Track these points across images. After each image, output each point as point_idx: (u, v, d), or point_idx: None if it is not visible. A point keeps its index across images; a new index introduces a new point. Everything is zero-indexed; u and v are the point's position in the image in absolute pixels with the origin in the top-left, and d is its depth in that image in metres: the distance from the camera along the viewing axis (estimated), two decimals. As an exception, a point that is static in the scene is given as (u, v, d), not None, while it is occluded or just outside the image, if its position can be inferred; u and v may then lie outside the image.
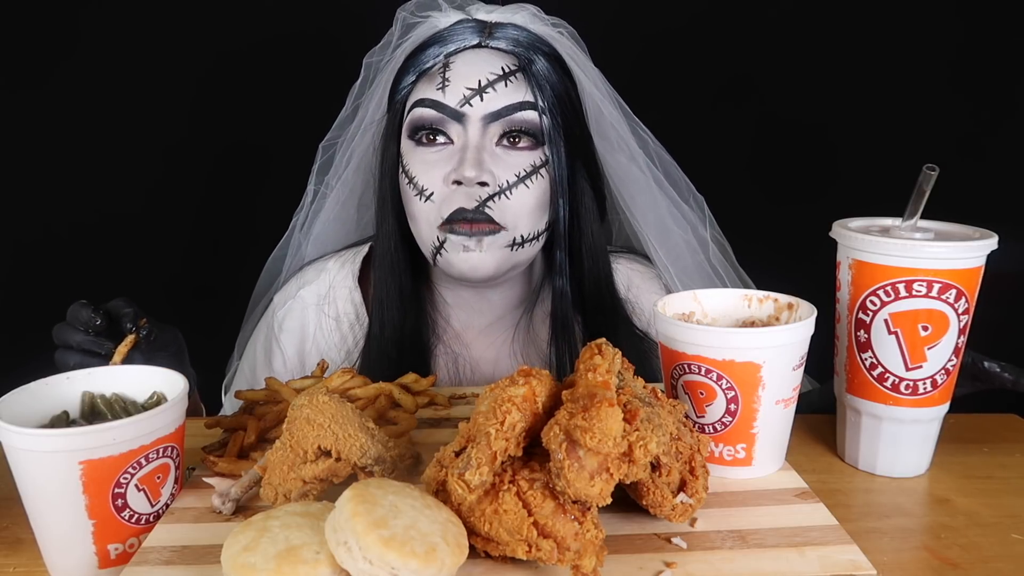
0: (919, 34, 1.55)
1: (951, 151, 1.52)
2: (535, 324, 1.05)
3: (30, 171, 1.53)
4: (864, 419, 0.76)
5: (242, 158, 1.56)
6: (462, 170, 0.89)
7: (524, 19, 0.98)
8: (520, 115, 0.92)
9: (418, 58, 0.95)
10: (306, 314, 1.05)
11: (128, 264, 1.45)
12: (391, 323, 0.99)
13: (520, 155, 0.92)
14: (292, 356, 1.05)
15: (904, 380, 0.73)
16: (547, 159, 0.94)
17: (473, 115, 0.91)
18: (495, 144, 0.92)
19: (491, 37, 0.95)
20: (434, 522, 0.52)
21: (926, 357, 0.72)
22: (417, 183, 0.92)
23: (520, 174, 0.92)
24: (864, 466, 0.77)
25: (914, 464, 0.76)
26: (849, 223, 0.77)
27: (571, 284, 1.01)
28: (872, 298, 0.72)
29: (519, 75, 0.93)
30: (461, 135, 0.92)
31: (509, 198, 0.91)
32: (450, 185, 0.91)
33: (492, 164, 0.91)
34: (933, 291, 0.70)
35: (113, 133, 1.52)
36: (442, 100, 0.91)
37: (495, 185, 0.91)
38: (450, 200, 0.91)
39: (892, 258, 0.70)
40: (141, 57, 1.50)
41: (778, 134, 1.60)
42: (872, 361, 0.74)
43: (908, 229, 0.75)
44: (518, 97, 0.92)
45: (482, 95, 0.91)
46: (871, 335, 0.73)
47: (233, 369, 1.11)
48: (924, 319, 0.71)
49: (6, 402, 0.63)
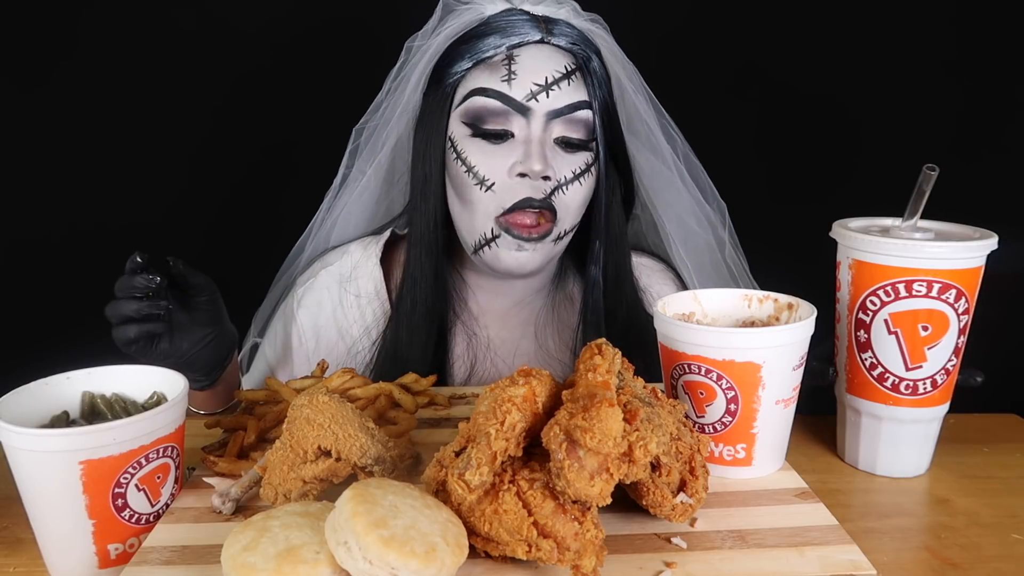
0: (919, 34, 1.55)
1: (951, 151, 1.52)
2: (558, 307, 1.07)
3: (30, 172, 1.52)
4: (864, 419, 0.76)
5: (265, 154, 1.55)
6: (529, 163, 0.91)
7: (568, 14, 1.00)
8: (579, 114, 0.94)
9: (475, 45, 0.95)
10: (324, 292, 1.07)
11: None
12: (424, 302, 1.01)
13: (575, 154, 0.95)
14: (308, 331, 1.07)
15: (904, 380, 0.73)
16: (596, 157, 0.97)
17: (538, 110, 0.93)
18: (556, 139, 0.94)
19: (551, 34, 0.96)
20: (434, 522, 0.52)
21: (926, 357, 0.72)
22: (478, 172, 0.93)
23: (576, 171, 0.95)
24: (864, 466, 0.77)
25: (914, 464, 0.76)
26: (849, 223, 0.77)
27: (603, 274, 1.04)
28: (872, 298, 0.72)
29: (578, 74, 0.95)
30: (524, 128, 0.93)
31: (565, 193, 0.94)
32: (514, 177, 0.93)
33: (553, 159, 0.93)
34: (933, 291, 0.70)
35: (135, 133, 1.51)
36: (507, 92, 0.92)
37: (556, 179, 0.93)
38: (514, 191, 0.92)
39: (892, 258, 0.70)
40: (163, 57, 1.50)
41: (778, 134, 1.60)
42: (872, 361, 0.74)
43: (908, 229, 0.75)
44: (578, 96, 0.94)
45: (548, 91, 0.92)
46: (871, 335, 0.73)
47: (250, 343, 1.13)
48: (924, 319, 0.71)
49: (6, 402, 0.63)
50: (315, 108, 1.42)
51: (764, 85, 1.58)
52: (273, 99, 1.53)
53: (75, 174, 1.53)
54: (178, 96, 1.51)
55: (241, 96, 1.54)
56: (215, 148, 1.54)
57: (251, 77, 1.53)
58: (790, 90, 1.57)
